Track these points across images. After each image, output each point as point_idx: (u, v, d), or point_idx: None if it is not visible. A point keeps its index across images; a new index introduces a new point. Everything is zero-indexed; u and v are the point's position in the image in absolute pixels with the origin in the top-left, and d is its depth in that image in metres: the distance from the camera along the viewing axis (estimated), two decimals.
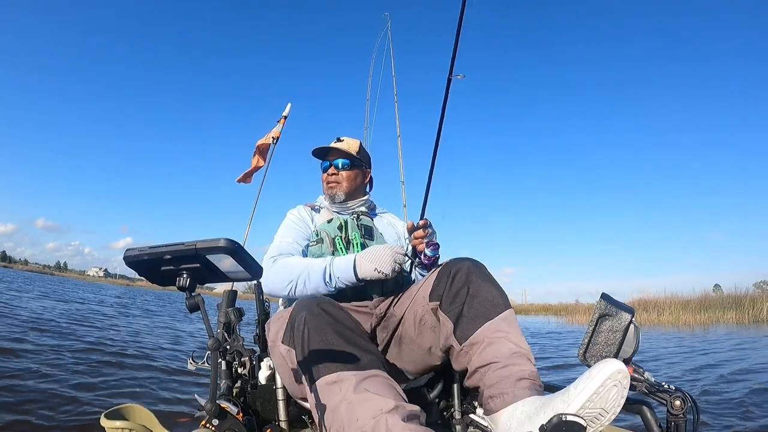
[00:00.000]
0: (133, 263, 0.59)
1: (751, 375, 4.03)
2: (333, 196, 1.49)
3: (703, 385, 3.46)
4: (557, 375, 4.41)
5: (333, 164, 1.50)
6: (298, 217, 1.48)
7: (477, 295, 1.05)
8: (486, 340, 0.98)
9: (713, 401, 2.87)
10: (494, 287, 1.07)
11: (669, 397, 0.91)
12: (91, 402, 2.62)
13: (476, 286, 1.06)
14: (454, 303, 1.06)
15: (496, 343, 0.97)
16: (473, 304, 1.04)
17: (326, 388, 0.87)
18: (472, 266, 1.10)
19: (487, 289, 1.06)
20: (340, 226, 1.40)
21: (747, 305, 11.69)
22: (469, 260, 1.13)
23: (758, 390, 3.34)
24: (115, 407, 1.16)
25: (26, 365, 3.30)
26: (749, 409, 2.80)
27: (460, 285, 1.07)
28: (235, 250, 0.57)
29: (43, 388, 2.77)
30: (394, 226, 1.59)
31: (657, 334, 8.60)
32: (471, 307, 1.04)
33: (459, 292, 1.07)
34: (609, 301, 0.99)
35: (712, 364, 4.65)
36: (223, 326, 1.38)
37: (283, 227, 1.46)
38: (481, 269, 1.10)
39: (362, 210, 1.52)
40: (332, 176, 1.50)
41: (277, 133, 2.58)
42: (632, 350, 0.97)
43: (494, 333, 0.99)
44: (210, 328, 0.61)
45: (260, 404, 1.21)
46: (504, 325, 1.00)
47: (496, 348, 0.96)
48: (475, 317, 1.02)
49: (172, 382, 3.37)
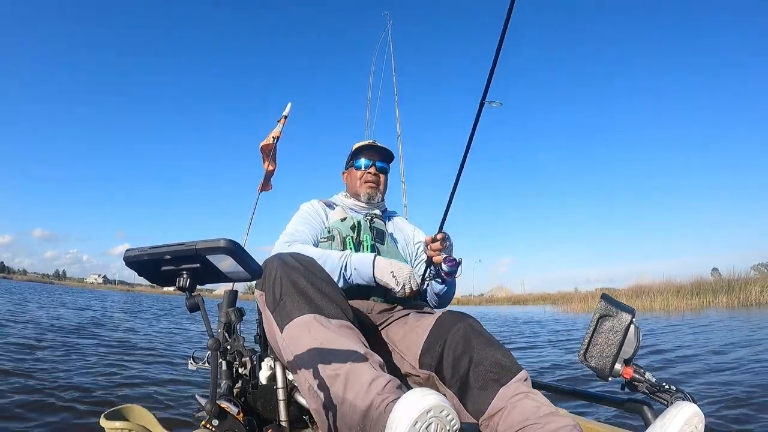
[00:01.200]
0: (134, 263, 0.59)
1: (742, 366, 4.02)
2: (372, 195, 1.51)
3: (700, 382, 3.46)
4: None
5: (375, 164, 1.52)
6: (313, 209, 1.47)
7: (482, 363, 0.96)
8: (509, 405, 0.89)
9: (715, 397, 2.86)
10: (499, 350, 0.98)
11: (669, 398, 0.91)
12: (90, 403, 2.62)
13: (479, 352, 0.98)
14: (455, 375, 0.98)
15: (521, 406, 0.88)
16: (479, 372, 0.95)
17: (297, 330, 0.89)
18: (468, 329, 1.03)
19: (493, 353, 0.97)
20: (353, 226, 1.38)
21: (738, 289, 11.83)
22: (463, 321, 1.06)
23: (758, 387, 3.33)
24: (114, 408, 1.16)
25: (28, 368, 3.30)
26: (749, 408, 2.80)
27: (458, 353, 1.00)
28: (235, 251, 0.57)
29: (44, 389, 2.77)
30: (404, 231, 1.58)
31: (645, 321, 8.75)
32: (478, 376, 0.95)
33: (459, 361, 0.99)
34: (609, 301, 0.99)
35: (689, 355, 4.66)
36: (223, 326, 1.38)
37: (297, 217, 1.44)
38: (479, 331, 1.03)
39: (376, 213, 1.51)
40: (375, 176, 1.52)
41: (277, 133, 2.58)
42: (633, 350, 0.97)
43: (514, 396, 0.90)
44: (210, 328, 0.61)
45: (261, 404, 1.21)
46: (523, 386, 0.92)
47: (523, 409, 0.87)
48: (485, 386, 0.93)
49: (174, 382, 3.36)
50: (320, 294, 0.95)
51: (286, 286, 0.96)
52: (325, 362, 0.83)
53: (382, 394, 0.76)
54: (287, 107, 2.65)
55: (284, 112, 2.64)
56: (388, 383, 0.79)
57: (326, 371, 0.82)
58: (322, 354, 0.84)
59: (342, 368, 0.81)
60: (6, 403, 2.41)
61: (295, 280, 0.96)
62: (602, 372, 0.97)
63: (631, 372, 0.97)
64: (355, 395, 0.78)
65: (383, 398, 0.75)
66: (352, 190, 1.56)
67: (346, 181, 1.61)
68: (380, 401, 0.75)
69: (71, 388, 2.84)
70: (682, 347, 4.98)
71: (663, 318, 9.63)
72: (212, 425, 1.05)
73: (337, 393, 0.80)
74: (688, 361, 4.18)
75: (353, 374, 0.80)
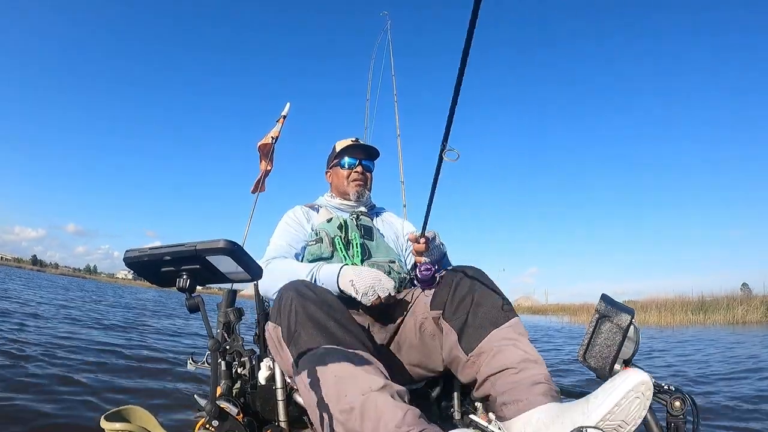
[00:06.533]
0: (134, 264, 0.59)
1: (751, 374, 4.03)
2: (361, 193, 1.52)
3: (704, 389, 3.47)
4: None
5: (362, 163, 1.54)
6: (294, 218, 1.48)
7: (482, 304, 1.03)
8: (494, 348, 0.95)
9: (714, 401, 2.87)
10: (499, 295, 1.05)
11: (669, 398, 0.91)
12: (92, 403, 2.62)
13: (480, 294, 1.04)
14: (457, 312, 1.04)
15: (506, 351, 0.94)
16: (478, 312, 1.02)
17: (314, 362, 0.87)
18: (474, 274, 1.08)
19: (492, 297, 1.03)
20: (340, 225, 1.40)
21: (758, 303, 12.25)
22: (471, 268, 1.11)
23: (759, 389, 3.34)
24: (115, 409, 1.16)
25: (34, 370, 3.29)
26: (750, 409, 2.80)
27: (463, 294, 1.05)
28: (235, 251, 0.57)
29: (44, 388, 2.77)
30: (392, 225, 1.59)
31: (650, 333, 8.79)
32: (476, 316, 1.01)
33: (462, 301, 1.04)
34: (609, 302, 0.99)
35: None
36: (222, 326, 1.38)
37: (278, 230, 1.47)
38: (484, 278, 1.09)
39: (362, 210, 1.53)
40: (362, 175, 1.53)
41: (276, 133, 2.57)
42: (632, 351, 0.97)
43: (502, 341, 0.96)
44: (210, 328, 0.61)
45: (260, 405, 1.21)
46: (512, 332, 0.98)
47: (505, 355, 0.93)
48: (480, 326, 1.00)
49: (174, 382, 3.36)
50: (336, 324, 0.94)
51: (301, 318, 0.94)
52: (341, 395, 0.81)
53: (401, 426, 0.74)
54: (286, 107, 2.64)
55: (283, 112, 2.63)
56: (407, 413, 0.77)
57: (342, 405, 0.80)
58: (337, 387, 0.82)
59: (357, 401, 0.78)
60: (6, 403, 2.41)
61: (311, 311, 0.95)
62: (602, 372, 0.97)
63: None
64: (372, 429, 0.76)
65: (403, 431, 0.74)
66: (338, 189, 1.57)
67: (330, 180, 1.63)
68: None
69: (71, 389, 2.84)
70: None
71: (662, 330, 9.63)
72: (212, 426, 1.05)
73: (354, 428, 0.78)
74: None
75: (369, 407, 0.77)
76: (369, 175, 1.58)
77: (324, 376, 0.84)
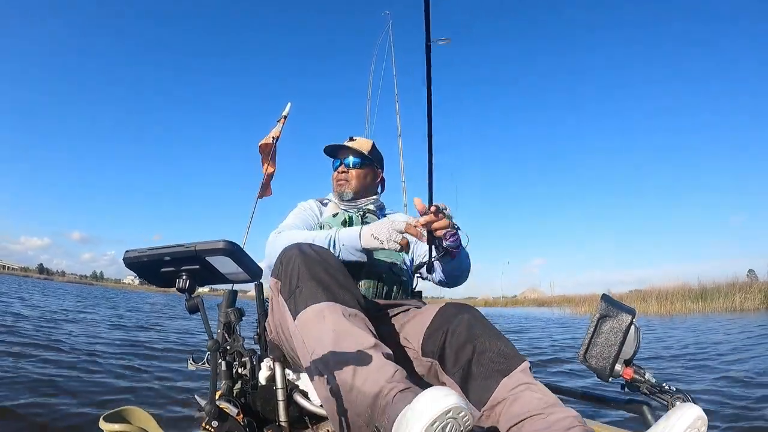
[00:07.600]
0: (133, 265, 0.59)
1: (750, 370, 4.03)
2: (342, 193, 1.51)
3: (701, 385, 3.46)
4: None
5: (343, 162, 1.53)
6: (308, 207, 1.53)
7: (485, 351, 0.96)
8: (510, 397, 0.88)
9: (714, 401, 2.86)
10: (502, 340, 0.98)
11: (669, 398, 0.91)
12: (91, 403, 2.62)
13: (482, 342, 0.97)
14: (457, 364, 0.98)
15: (524, 397, 0.87)
16: (483, 361, 0.94)
17: (312, 317, 0.91)
18: (472, 319, 1.02)
19: (496, 343, 0.97)
20: (344, 221, 1.41)
21: (756, 290, 12.33)
22: (467, 312, 1.05)
23: (759, 387, 3.33)
24: (114, 410, 1.15)
25: (37, 369, 3.30)
26: (750, 408, 2.80)
27: (461, 342, 0.99)
28: (235, 252, 0.57)
29: (45, 389, 2.77)
30: None
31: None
32: (481, 365, 0.94)
33: (462, 350, 0.98)
34: (609, 302, 0.99)
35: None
36: (223, 326, 1.38)
37: (291, 214, 1.50)
38: (483, 322, 1.03)
39: (370, 208, 1.53)
40: (342, 174, 1.52)
41: (276, 133, 2.57)
42: (633, 351, 0.97)
43: (517, 387, 0.89)
44: (209, 329, 0.61)
45: (260, 405, 1.21)
46: (524, 377, 0.91)
47: (525, 401, 0.86)
48: (488, 375, 0.92)
49: (174, 382, 3.36)
50: (336, 283, 0.97)
51: (303, 275, 0.97)
52: (336, 349, 0.84)
53: (390, 382, 0.77)
54: (287, 107, 2.64)
55: (284, 112, 2.63)
56: (397, 372, 0.80)
57: (336, 358, 0.83)
58: (334, 341, 0.85)
59: (352, 356, 0.82)
60: (6, 403, 2.41)
61: (313, 268, 0.98)
62: (602, 372, 0.97)
63: (631, 373, 0.97)
64: (363, 382, 0.79)
65: (392, 387, 0.76)
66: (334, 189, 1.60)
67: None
68: (389, 389, 0.76)
69: (71, 389, 2.84)
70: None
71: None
72: (212, 426, 1.04)
73: (346, 380, 0.80)
74: None
75: (363, 362, 0.81)
76: (355, 172, 1.51)
77: (322, 330, 0.88)
